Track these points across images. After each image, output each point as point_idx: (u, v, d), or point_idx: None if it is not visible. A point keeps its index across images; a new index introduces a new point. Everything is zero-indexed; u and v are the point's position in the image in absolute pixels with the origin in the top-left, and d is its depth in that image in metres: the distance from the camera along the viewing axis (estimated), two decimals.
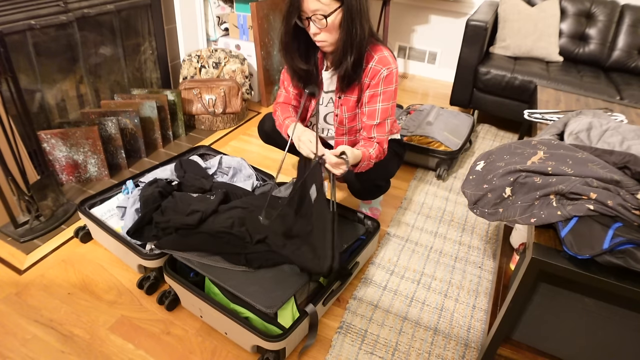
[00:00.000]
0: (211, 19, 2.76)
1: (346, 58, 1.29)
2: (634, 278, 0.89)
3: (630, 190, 0.95)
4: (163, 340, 1.29)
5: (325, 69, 1.44)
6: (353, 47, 1.27)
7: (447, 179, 2.15)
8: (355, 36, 1.25)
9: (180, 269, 1.38)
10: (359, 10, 1.22)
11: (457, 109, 2.91)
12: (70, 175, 1.92)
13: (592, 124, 1.28)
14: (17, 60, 1.83)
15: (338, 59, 1.31)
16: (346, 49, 1.28)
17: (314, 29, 1.26)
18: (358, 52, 1.29)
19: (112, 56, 2.27)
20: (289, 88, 1.54)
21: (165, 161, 1.85)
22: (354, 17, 1.22)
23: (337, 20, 1.23)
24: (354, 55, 1.29)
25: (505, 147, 1.19)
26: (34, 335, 1.28)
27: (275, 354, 1.18)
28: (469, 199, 1.14)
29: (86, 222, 1.57)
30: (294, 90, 1.54)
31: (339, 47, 1.28)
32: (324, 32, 1.26)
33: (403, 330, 1.36)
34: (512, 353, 1.15)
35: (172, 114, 2.28)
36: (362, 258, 1.52)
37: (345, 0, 1.20)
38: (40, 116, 2.00)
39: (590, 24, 2.61)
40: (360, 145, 1.39)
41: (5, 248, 1.58)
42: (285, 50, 1.36)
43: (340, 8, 1.21)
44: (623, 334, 1.01)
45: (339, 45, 1.28)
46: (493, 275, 1.59)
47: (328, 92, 1.47)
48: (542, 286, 1.04)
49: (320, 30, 1.25)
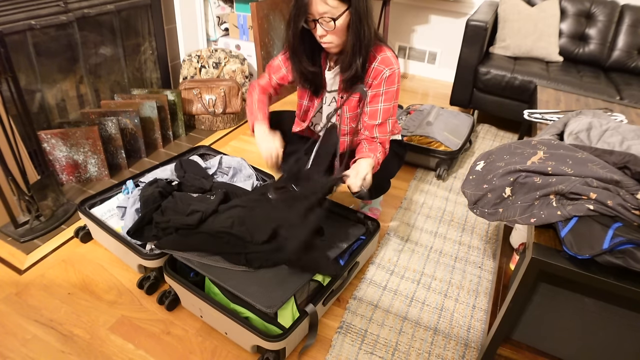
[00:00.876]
0: (211, 19, 2.76)
1: (355, 60, 1.29)
2: (634, 278, 0.89)
3: (630, 190, 0.95)
4: (163, 340, 1.29)
5: (328, 69, 1.44)
6: (362, 49, 1.27)
7: (447, 179, 2.15)
8: (363, 38, 1.25)
9: (180, 269, 1.38)
10: (365, 12, 1.22)
11: (457, 109, 2.91)
12: (70, 175, 1.92)
13: (592, 124, 1.28)
14: (17, 60, 1.83)
15: (348, 62, 1.30)
16: (355, 51, 1.27)
17: (321, 31, 1.25)
18: (366, 53, 1.29)
19: (112, 56, 2.27)
20: (272, 76, 1.52)
21: (165, 161, 1.85)
22: (362, 19, 1.22)
23: (344, 23, 1.23)
24: (362, 57, 1.29)
25: (505, 147, 1.19)
26: (34, 335, 1.28)
27: (275, 354, 1.18)
28: (469, 199, 1.14)
29: (86, 222, 1.57)
30: (277, 81, 1.53)
31: (347, 49, 1.28)
32: (331, 34, 1.25)
33: (403, 330, 1.36)
34: (512, 353, 1.15)
35: (172, 114, 2.28)
36: (362, 258, 1.52)
37: (352, 3, 1.20)
38: (40, 116, 2.00)
39: (590, 24, 2.61)
40: (366, 149, 1.39)
41: (5, 248, 1.58)
42: (292, 53, 1.36)
43: (348, 10, 1.21)
44: (623, 334, 1.01)
45: (347, 48, 1.28)
46: (493, 275, 1.59)
47: (331, 91, 1.47)
48: (542, 286, 1.04)
49: (327, 32, 1.25)
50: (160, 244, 1.36)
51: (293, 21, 1.27)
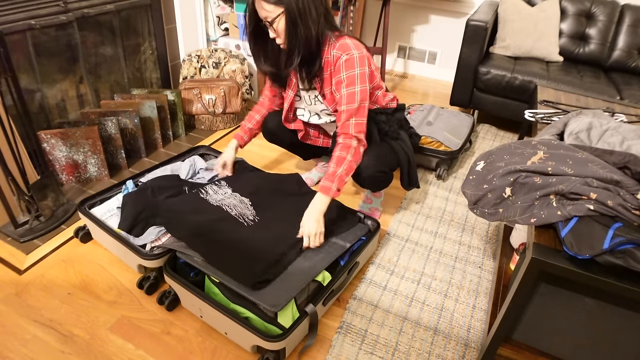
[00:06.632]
0: (211, 19, 2.76)
1: (292, 58, 1.38)
2: (634, 278, 0.89)
3: (630, 190, 0.95)
4: (163, 340, 1.29)
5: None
6: (300, 47, 1.35)
7: (447, 179, 2.15)
8: (300, 37, 1.33)
9: (180, 269, 1.39)
10: (303, 11, 1.29)
11: (457, 109, 2.91)
12: (70, 175, 1.92)
13: (592, 124, 1.28)
14: (17, 60, 1.83)
15: (285, 59, 1.40)
16: (292, 50, 1.36)
17: (271, 34, 1.36)
18: (307, 50, 1.36)
19: (112, 56, 2.27)
20: (265, 92, 1.73)
21: (165, 161, 1.84)
22: (297, 19, 1.30)
23: (284, 24, 1.31)
24: (302, 54, 1.36)
25: (505, 147, 1.19)
26: (34, 335, 1.28)
27: (275, 354, 1.18)
28: (469, 199, 1.14)
29: (86, 222, 1.57)
30: (268, 93, 1.72)
31: (285, 48, 1.37)
32: (278, 36, 1.36)
33: (403, 330, 1.36)
34: (512, 353, 1.15)
35: (172, 114, 2.28)
36: (362, 258, 1.52)
37: (286, 5, 1.27)
38: (40, 116, 2.00)
39: (590, 24, 2.61)
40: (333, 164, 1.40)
41: (5, 248, 1.58)
42: (252, 55, 1.49)
43: (283, 12, 1.29)
44: (623, 334, 1.01)
45: (285, 47, 1.37)
46: (493, 275, 1.59)
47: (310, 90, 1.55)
48: (542, 286, 1.04)
49: (275, 34, 1.35)
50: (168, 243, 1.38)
51: (247, 25, 1.41)
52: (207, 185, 1.60)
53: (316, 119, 1.65)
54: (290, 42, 1.34)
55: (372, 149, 1.50)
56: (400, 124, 1.64)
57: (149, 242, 1.44)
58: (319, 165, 2.03)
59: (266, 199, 1.56)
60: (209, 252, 1.31)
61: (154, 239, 1.44)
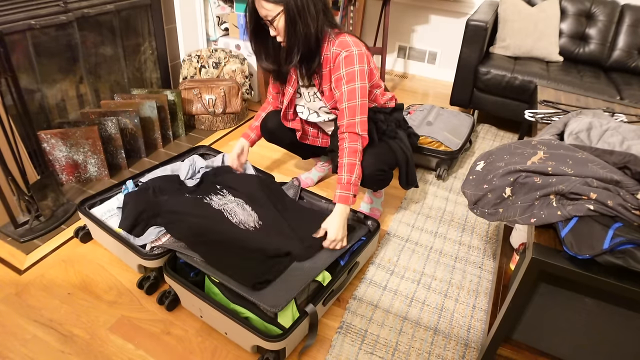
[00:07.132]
0: (211, 19, 2.76)
1: (291, 55, 1.39)
2: (634, 278, 0.89)
3: (630, 190, 0.95)
4: (163, 340, 1.29)
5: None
6: (299, 44, 1.36)
7: (447, 179, 2.15)
8: (300, 34, 1.34)
9: (180, 269, 1.39)
10: (301, 9, 1.31)
11: (457, 109, 2.91)
12: (70, 175, 1.92)
13: (592, 124, 1.28)
14: (17, 60, 1.83)
15: (284, 56, 1.42)
16: (292, 47, 1.38)
17: (272, 32, 1.38)
18: (306, 47, 1.38)
19: (112, 56, 2.27)
20: (270, 89, 1.74)
21: (165, 161, 1.84)
22: (296, 17, 1.31)
23: (283, 22, 1.33)
24: (301, 51, 1.38)
25: (505, 147, 1.19)
26: (34, 335, 1.28)
27: (275, 354, 1.18)
28: (469, 199, 1.14)
29: (86, 222, 1.57)
30: (272, 90, 1.73)
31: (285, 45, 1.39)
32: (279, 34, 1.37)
33: (403, 330, 1.36)
34: (512, 353, 1.15)
35: (172, 114, 2.28)
36: (362, 258, 1.52)
37: (285, 3, 1.29)
38: (40, 116, 2.00)
39: (590, 24, 2.61)
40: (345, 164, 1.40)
41: (5, 248, 1.58)
42: (254, 51, 1.50)
43: (283, 11, 1.30)
44: (623, 334, 1.01)
45: (285, 44, 1.39)
46: (493, 275, 1.59)
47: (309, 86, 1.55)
48: (542, 286, 1.04)
49: (276, 32, 1.36)
50: (168, 242, 1.37)
51: (248, 24, 1.42)
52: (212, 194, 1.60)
53: (315, 117, 1.65)
54: (290, 39, 1.35)
55: (370, 148, 1.50)
56: (399, 124, 1.64)
57: (149, 242, 1.44)
58: (318, 165, 2.03)
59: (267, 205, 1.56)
60: (209, 253, 1.31)
61: (154, 239, 1.44)
